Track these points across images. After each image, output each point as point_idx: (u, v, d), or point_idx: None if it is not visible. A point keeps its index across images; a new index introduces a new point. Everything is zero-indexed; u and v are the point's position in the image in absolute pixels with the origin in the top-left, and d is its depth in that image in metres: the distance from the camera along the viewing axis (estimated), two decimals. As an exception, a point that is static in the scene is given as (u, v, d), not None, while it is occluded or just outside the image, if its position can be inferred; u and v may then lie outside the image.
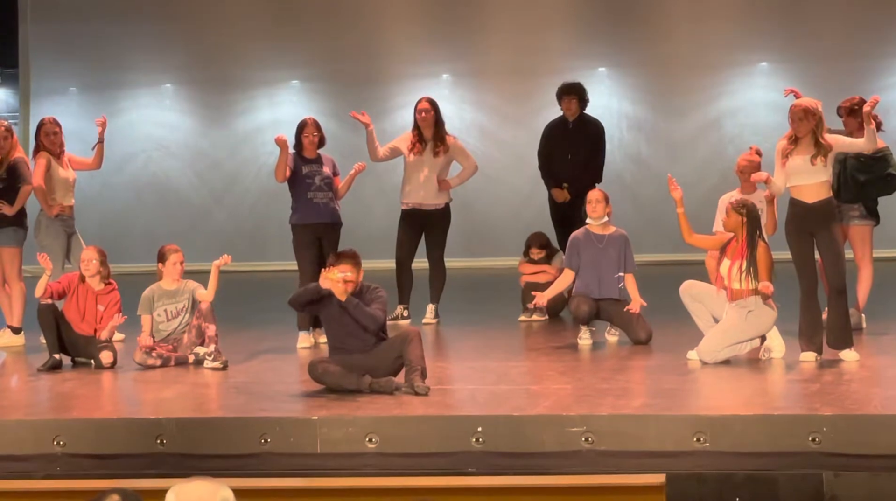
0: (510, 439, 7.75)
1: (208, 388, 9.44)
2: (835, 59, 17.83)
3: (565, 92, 13.24)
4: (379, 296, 8.99)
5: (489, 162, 17.53)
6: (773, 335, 9.88)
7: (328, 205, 11.46)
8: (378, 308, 8.91)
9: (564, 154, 13.08)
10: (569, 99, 13.18)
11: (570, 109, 13.19)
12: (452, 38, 18.89)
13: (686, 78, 18.49)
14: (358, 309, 8.83)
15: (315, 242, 11.35)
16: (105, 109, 16.24)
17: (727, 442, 7.58)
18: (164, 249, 10.49)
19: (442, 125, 12.60)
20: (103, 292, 10.44)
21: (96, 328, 10.32)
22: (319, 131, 11.52)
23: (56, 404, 9.18)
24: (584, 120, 13.24)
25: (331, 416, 7.99)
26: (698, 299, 10.11)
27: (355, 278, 8.91)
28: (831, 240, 9.70)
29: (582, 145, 13.09)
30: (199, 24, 19.31)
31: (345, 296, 8.80)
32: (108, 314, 10.34)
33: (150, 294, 10.37)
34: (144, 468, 7.79)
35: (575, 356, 10.44)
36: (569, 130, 13.19)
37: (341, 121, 16.22)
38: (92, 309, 10.38)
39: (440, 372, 9.37)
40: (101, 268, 10.45)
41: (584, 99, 13.22)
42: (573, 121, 13.19)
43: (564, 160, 13.07)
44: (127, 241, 18.06)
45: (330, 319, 9.01)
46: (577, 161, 13.04)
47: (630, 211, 16.58)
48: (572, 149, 13.06)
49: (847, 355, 9.61)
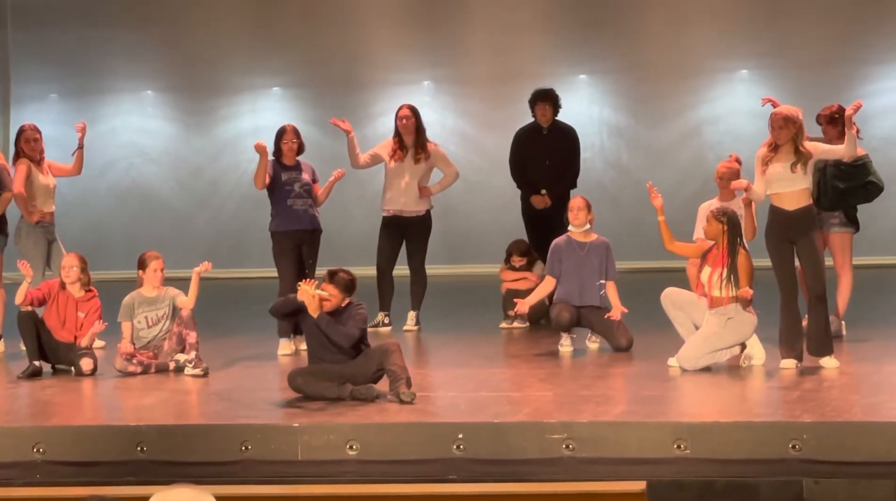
0: (491, 446, 7.74)
1: (189, 395, 9.43)
2: (815, 67, 17.88)
3: (539, 98, 13.24)
4: (358, 313, 8.95)
5: (471, 168, 17.53)
6: (753, 342, 9.90)
7: (307, 211, 11.46)
8: (354, 325, 8.88)
9: (541, 160, 13.08)
10: (543, 105, 13.19)
11: (544, 116, 13.19)
12: (434, 45, 18.90)
13: (666, 85, 18.52)
14: (329, 327, 8.81)
15: (295, 249, 11.35)
16: (86, 116, 16.23)
17: (708, 449, 7.59)
18: (144, 256, 10.47)
19: (423, 132, 12.61)
20: (84, 299, 10.41)
21: (76, 335, 10.30)
22: (298, 138, 11.53)
23: (36, 411, 9.15)
24: (558, 126, 13.25)
25: (312, 423, 7.98)
26: (679, 306, 10.13)
27: (335, 302, 8.89)
28: (811, 247, 9.73)
29: (558, 151, 13.10)
30: (180, 30, 19.28)
31: (316, 313, 8.79)
32: (89, 321, 10.32)
33: (130, 301, 10.34)
34: (124, 475, 7.77)
35: (556, 363, 10.45)
36: (543, 136, 13.19)
37: (323, 127, 16.22)
38: (72, 316, 10.35)
39: (421, 379, 9.37)
40: (82, 275, 10.43)
41: (557, 105, 13.23)
42: (547, 128, 13.20)
43: (541, 166, 13.07)
44: (107, 248, 18.01)
45: (309, 330, 9.01)
46: (554, 167, 13.05)
47: (611, 218, 16.57)
48: (549, 156, 13.06)
49: (827, 362, 9.64)
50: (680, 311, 10.13)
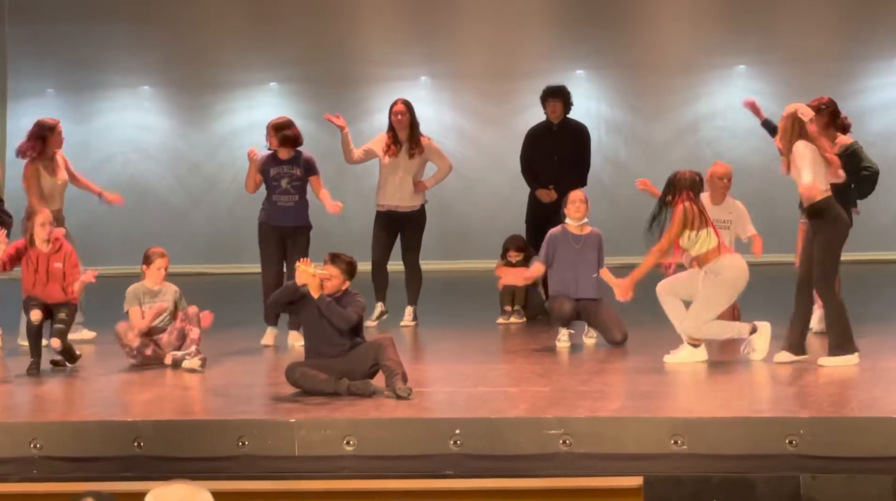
0: (488, 441, 7.75)
1: (185, 391, 9.43)
2: (812, 63, 17.88)
3: (550, 94, 13.24)
4: (357, 301, 8.99)
5: (468, 164, 17.54)
6: (760, 335, 9.88)
7: (293, 207, 11.54)
8: (353, 310, 8.91)
9: (549, 157, 13.07)
10: (554, 101, 13.19)
11: (554, 112, 13.19)
12: (431, 41, 18.89)
13: (664, 80, 18.52)
14: (330, 308, 8.83)
15: (280, 243, 11.49)
16: (82, 111, 16.26)
17: (704, 445, 7.59)
18: (150, 252, 10.56)
19: (417, 127, 12.60)
20: (53, 250, 10.32)
21: (64, 286, 10.26)
22: (286, 130, 11.56)
23: (33, 407, 9.16)
24: (568, 123, 13.24)
25: (308, 419, 7.98)
26: (672, 292, 10.11)
27: (335, 284, 8.91)
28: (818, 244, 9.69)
29: (567, 148, 13.09)
30: (177, 26, 19.27)
31: (317, 293, 8.81)
32: (70, 267, 10.27)
33: (135, 290, 10.44)
34: (121, 470, 7.77)
35: (553, 358, 10.45)
36: (553, 133, 13.18)
37: (319, 123, 16.15)
38: (52, 270, 10.26)
39: (418, 374, 9.37)
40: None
41: (568, 102, 13.23)
42: (557, 125, 13.19)
43: (550, 163, 13.07)
44: (104, 243, 17.98)
45: (309, 323, 9.02)
46: (563, 164, 13.03)
47: (608, 213, 16.56)
48: (558, 152, 13.06)
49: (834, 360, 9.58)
50: (672, 297, 10.09)
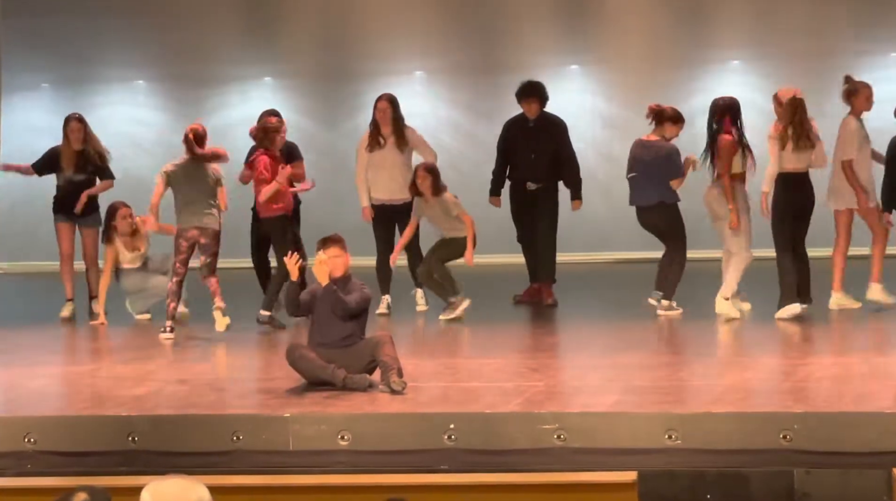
0: (483, 436, 7.76)
1: (180, 385, 9.42)
2: (807, 57, 17.86)
3: (523, 93, 13.19)
4: (363, 288, 9.01)
5: (463, 158, 17.52)
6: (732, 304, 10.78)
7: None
8: (358, 297, 8.92)
9: (527, 152, 13.09)
10: (528, 100, 13.15)
11: (530, 110, 13.17)
12: (425, 35, 18.86)
13: (659, 75, 18.48)
14: (340, 293, 8.84)
15: (265, 234, 12.54)
16: (77, 105, 16.19)
17: (699, 439, 7.61)
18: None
19: (401, 120, 12.69)
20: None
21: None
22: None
23: (27, 401, 9.14)
24: (546, 118, 13.23)
25: (303, 413, 7.98)
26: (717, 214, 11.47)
27: (346, 260, 9.00)
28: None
29: (545, 142, 13.10)
30: (171, 19, 19.22)
31: (326, 281, 8.80)
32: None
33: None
34: (116, 465, 7.77)
35: (548, 353, 10.47)
36: (530, 128, 13.17)
37: (314, 118, 16.21)
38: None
39: (413, 368, 9.36)
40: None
41: (544, 98, 13.19)
42: (534, 121, 13.18)
43: (527, 159, 13.09)
44: (98, 238, 17.95)
45: (319, 315, 8.98)
46: (541, 158, 13.05)
47: (602, 208, 16.57)
48: (536, 148, 13.07)
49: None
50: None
